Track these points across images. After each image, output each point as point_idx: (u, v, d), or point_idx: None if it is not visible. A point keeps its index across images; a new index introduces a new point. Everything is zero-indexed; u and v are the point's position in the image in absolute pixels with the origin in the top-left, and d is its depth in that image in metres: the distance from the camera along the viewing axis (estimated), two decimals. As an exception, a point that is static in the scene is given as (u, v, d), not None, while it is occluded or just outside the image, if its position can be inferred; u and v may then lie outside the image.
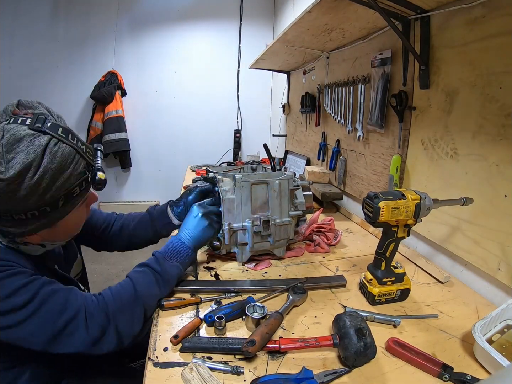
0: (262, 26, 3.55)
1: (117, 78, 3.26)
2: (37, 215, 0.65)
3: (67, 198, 0.68)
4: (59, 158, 0.63)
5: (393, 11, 1.10)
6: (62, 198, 0.67)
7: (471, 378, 0.62)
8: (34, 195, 0.61)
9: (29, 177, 0.59)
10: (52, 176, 0.62)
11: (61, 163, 0.63)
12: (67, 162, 0.65)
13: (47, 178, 0.61)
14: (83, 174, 0.70)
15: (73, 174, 0.67)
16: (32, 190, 0.60)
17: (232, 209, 1.04)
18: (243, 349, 0.66)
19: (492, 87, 0.90)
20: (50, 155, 0.62)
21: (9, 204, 0.60)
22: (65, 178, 0.65)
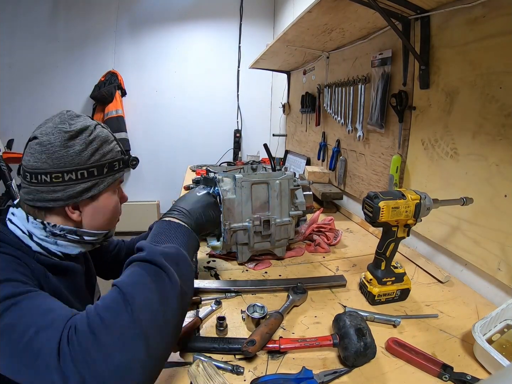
0: (262, 26, 3.55)
1: (117, 78, 3.26)
2: (86, 176, 0.71)
3: (110, 167, 0.76)
4: (105, 133, 0.77)
5: (393, 11, 1.10)
6: (107, 166, 0.75)
7: (471, 378, 0.62)
8: (87, 151, 0.71)
9: (86, 135, 0.71)
10: (101, 141, 0.74)
11: (106, 137, 0.76)
12: (110, 139, 0.77)
13: (98, 141, 0.73)
14: (121, 154, 0.80)
15: (114, 150, 0.77)
16: (87, 145, 0.71)
17: (232, 209, 1.04)
18: (243, 349, 0.66)
19: (492, 87, 0.90)
20: (99, 129, 0.76)
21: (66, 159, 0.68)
22: (109, 149, 0.76)
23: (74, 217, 0.73)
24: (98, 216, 0.78)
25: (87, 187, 0.72)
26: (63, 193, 0.69)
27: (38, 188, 0.69)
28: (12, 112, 3.19)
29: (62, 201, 0.70)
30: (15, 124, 3.19)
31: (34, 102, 3.22)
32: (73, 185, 0.70)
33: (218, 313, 0.85)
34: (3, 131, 3.07)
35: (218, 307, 0.87)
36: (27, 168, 0.69)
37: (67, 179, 0.69)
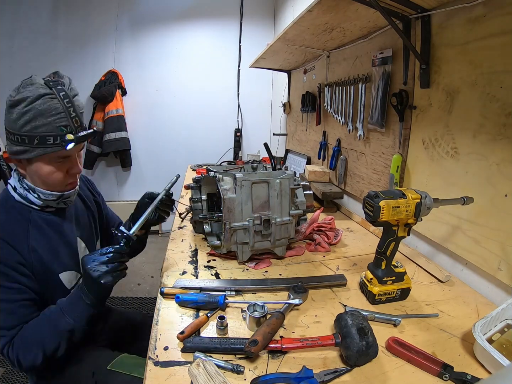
0: (262, 25, 3.54)
1: (117, 77, 3.25)
2: (19, 141, 0.82)
3: (41, 140, 0.83)
4: (47, 107, 0.81)
5: (393, 10, 1.10)
6: (38, 138, 0.82)
7: (471, 378, 0.62)
8: (20, 120, 0.80)
9: (22, 106, 0.80)
10: (34, 114, 0.80)
11: (46, 110, 0.81)
12: (51, 112, 0.82)
13: (31, 114, 0.80)
14: (60, 131, 0.84)
15: (51, 124, 0.82)
16: (20, 116, 0.80)
17: (232, 208, 1.04)
18: (245, 349, 0.66)
19: (492, 86, 0.89)
20: (41, 101, 0.81)
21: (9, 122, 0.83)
22: (44, 123, 0.81)
23: (20, 170, 0.90)
24: (34, 177, 0.90)
25: (20, 150, 0.84)
26: (8, 146, 0.86)
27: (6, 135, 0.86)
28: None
29: (12, 154, 0.86)
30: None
31: (34, 102, 3.22)
32: (13, 144, 0.84)
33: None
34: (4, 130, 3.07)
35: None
36: None
37: (10, 138, 0.84)
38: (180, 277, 1.02)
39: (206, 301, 0.86)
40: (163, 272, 1.06)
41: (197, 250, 1.23)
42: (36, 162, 0.87)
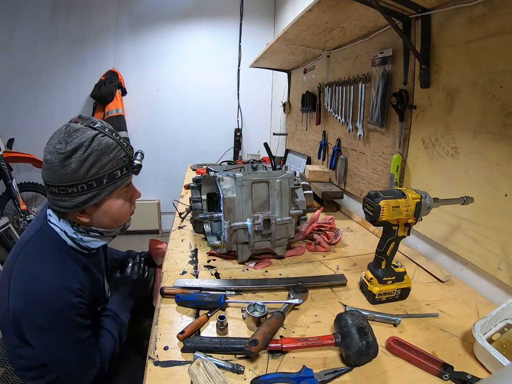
0: (262, 25, 3.54)
1: (117, 77, 3.25)
2: (86, 189, 0.80)
3: (110, 178, 0.83)
4: (104, 145, 0.80)
5: (393, 9, 1.10)
6: (106, 177, 0.82)
7: (471, 377, 0.62)
8: (83, 167, 0.77)
9: (80, 153, 0.77)
10: (97, 155, 0.79)
11: (105, 148, 0.80)
12: (110, 148, 0.81)
13: (94, 156, 0.78)
14: (123, 162, 0.85)
15: (114, 159, 0.82)
16: (82, 163, 0.77)
17: (232, 208, 1.04)
18: (245, 349, 0.66)
19: (493, 86, 0.89)
20: (97, 141, 0.79)
21: (65, 175, 0.77)
22: (108, 160, 0.81)
23: (83, 220, 0.86)
24: (104, 218, 0.89)
25: (88, 198, 0.81)
26: (69, 202, 0.81)
27: (52, 196, 0.82)
28: (13, 111, 3.19)
29: (70, 208, 0.82)
30: (15, 123, 3.20)
31: (34, 102, 3.23)
32: (76, 196, 0.80)
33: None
34: (4, 130, 3.08)
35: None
36: (43, 179, 0.81)
37: (70, 191, 0.79)
38: (180, 277, 1.02)
39: (206, 301, 0.86)
40: (163, 271, 1.06)
41: (197, 250, 1.23)
42: (106, 202, 0.86)
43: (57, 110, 3.26)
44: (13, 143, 3.10)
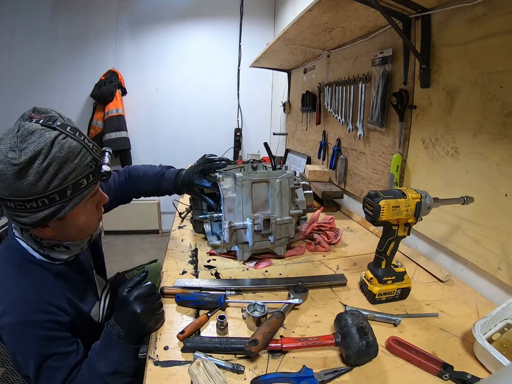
0: (262, 25, 3.54)
1: (117, 77, 3.25)
2: (47, 203, 0.68)
3: (75, 188, 0.71)
4: (67, 150, 0.68)
5: (393, 9, 1.10)
6: (70, 188, 0.70)
7: (471, 377, 0.62)
8: (42, 180, 0.65)
9: (38, 163, 0.64)
10: (59, 164, 0.67)
11: (68, 154, 0.68)
12: (74, 154, 0.70)
13: (55, 165, 0.66)
14: (90, 168, 0.74)
15: (79, 165, 0.71)
16: (41, 175, 0.65)
17: (232, 207, 1.04)
18: (245, 348, 0.66)
19: (493, 86, 0.89)
20: (58, 146, 0.67)
21: (22, 190, 0.65)
22: (72, 168, 0.69)
23: (47, 234, 0.76)
24: (70, 231, 0.79)
25: (50, 213, 0.70)
26: (28, 219, 0.69)
27: (8, 211, 0.70)
28: (13, 111, 3.16)
29: (30, 225, 0.71)
30: (15, 123, 3.19)
31: (34, 102, 3.17)
32: (36, 212, 0.69)
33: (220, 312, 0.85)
34: (3, 130, 3.06)
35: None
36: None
37: (29, 207, 0.68)
38: (180, 276, 1.02)
39: (206, 301, 0.86)
40: (163, 271, 1.06)
41: (197, 249, 1.23)
42: (71, 214, 0.74)
43: (57, 110, 3.19)
44: (13, 143, 3.09)
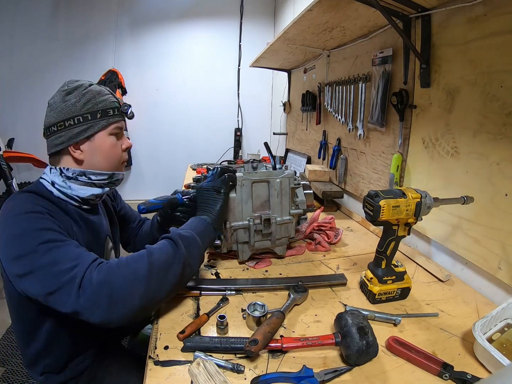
0: (262, 25, 3.54)
1: (117, 77, 3.25)
2: (81, 121, 0.88)
3: (103, 113, 0.91)
4: (99, 89, 0.93)
5: (394, 9, 1.10)
6: (100, 112, 0.90)
7: (471, 377, 0.62)
8: (80, 101, 0.88)
9: (80, 90, 0.89)
10: (93, 94, 0.90)
11: (100, 90, 0.92)
12: (104, 93, 0.93)
13: (90, 94, 0.90)
14: (115, 104, 0.94)
15: (108, 100, 0.92)
16: (80, 98, 0.88)
17: (233, 207, 1.04)
18: (245, 348, 0.66)
19: (493, 85, 0.89)
20: (93, 86, 0.93)
21: (65, 109, 0.87)
22: (102, 100, 0.91)
23: (77, 155, 0.91)
24: (96, 154, 0.93)
25: (83, 129, 0.89)
26: (65, 137, 0.88)
27: (51, 139, 0.90)
28: (13, 111, 3.19)
29: (65, 142, 0.88)
30: (15, 123, 3.19)
31: (34, 101, 3.21)
32: (72, 128, 0.88)
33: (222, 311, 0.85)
34: (4, 130, 3.07)
35: (225, 303, 0.88)
36: (44, 127, 0.90)
37: (67, 125, 0.87)
38: (180, 276, 1.02)
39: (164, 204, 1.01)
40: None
41: (197, 249, 1.22)
42: (99, 136, 0.92)
43: None
44: (13, 143, 3.10)
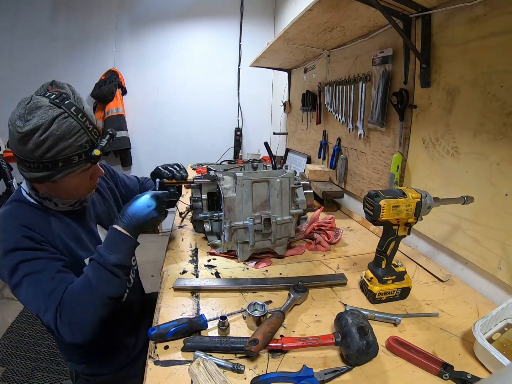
0: (262, 24, 3.53)
1: (117, 77, 3.25)
2: (41, 167, 0.80)
3: (66, 162, 0.82)
4: (64, 129, 0.78)
5: (394, 9, 1.10)
6: (62, 161, 0.81)
7: (471, 377, 0.62)
8: (39, 150, 0.77)
9: (37, 135, 0.76)
10: (54, 140, 0.77)
11: (64, 133, 0.78)
12: (70, 133, 0.80)
13: (51, 140, 0.77)
14: (84, 148, 0.84)
15: (73, 144, 0.81)
16: (38, 146, 0.77)
17: (233, 207, 1.04)
18: (246, 348, 0.66)
19: (493, 85, 0.89)
20: (57, 124, 0.77)
21: (23, 152, 0.78)
22: (66, 146, 0.80)
23: (42, 189, 0.88)
24: (61, 193, 0.90)
25: (43, 176, 0.82)
26: (27, 174, 0.83)
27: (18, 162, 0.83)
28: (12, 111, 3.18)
29: (27, 178, 0.85)
30: (15, 122, 3.19)
31: (34, 101, 3.22)
32: (33, 171, 0.81)
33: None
34: (4, 130, 3.06)
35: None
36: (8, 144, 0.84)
37: (28, 165, 0.81)
38: (180, 276, 1.02)
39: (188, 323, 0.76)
40: (164, 271, 1.06)
41: (197, 249, 1.23)
42: (63, 181, 0.86)
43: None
44: (13, 142, 3.09)
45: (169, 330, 0.73)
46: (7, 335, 2.03)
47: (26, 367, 1.79)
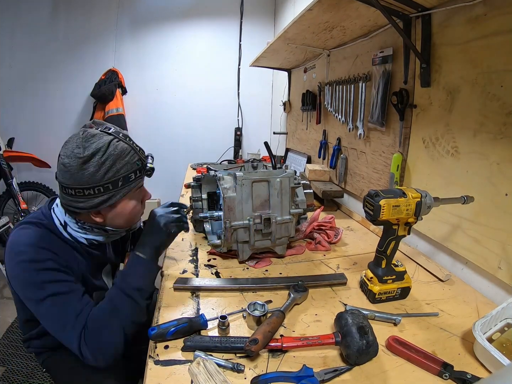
0: (262, 24, 3.53)
1: (117, 76, 3.25)
2: (102, 191, 0.84)
3: (125, 180, 0.87)
4: (119, 149, 0.85)
5: (394, 9, 1.10)
6: (121, 180, 0.86)
7: (471, 377, 0.62)
8: (100, 171, 0.81)
9: (98, 157, 0.81)
10: (113, 160, 0.83)
11: (120, 153, 0.85)
12: (124, 153, 0.86)
13: (110, 160, 0.83)
14: (137, 165, 0.90)
15: (129, 162, 0.87)
16: (99, 167, 0.81)
17: (233, 207, 1.04)
18: (246, 348, 0.66)
19: (493, 85, 0.89)
20: (113, 146, 0.84)
21: (83, 179, 0.81)
22: (123, 164, 0.85)
23: (97, 220, 0.90)
24: (118, 219, 0.93)
25: (104, 199, 0.85)
26: (85, 204, 0.84)
27: (67, 197, 0.84)
28: (13, 111, 3.19)
29: (85, 209, 0.86)
30: (16, 123, 3.20)
31: (34, 101, 3.22)
32: (93, 198, 0.84)
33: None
34: (4, 130, 3.07)
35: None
36: (58, 180, 0.84)
37: (87, 193, 0.83)
38: (180, 275, 1.02)
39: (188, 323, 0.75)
40: (164, 271, 1.06)
41: (197, 249, 1.23)
42: (121, 203, 0.90)
43: (57, 110, 3.27)
44: (13, 142, 3.09)
45: (169, 330, 0.73)
46: (7, 335, 2.03)
47: (26, 367, 1.79)
